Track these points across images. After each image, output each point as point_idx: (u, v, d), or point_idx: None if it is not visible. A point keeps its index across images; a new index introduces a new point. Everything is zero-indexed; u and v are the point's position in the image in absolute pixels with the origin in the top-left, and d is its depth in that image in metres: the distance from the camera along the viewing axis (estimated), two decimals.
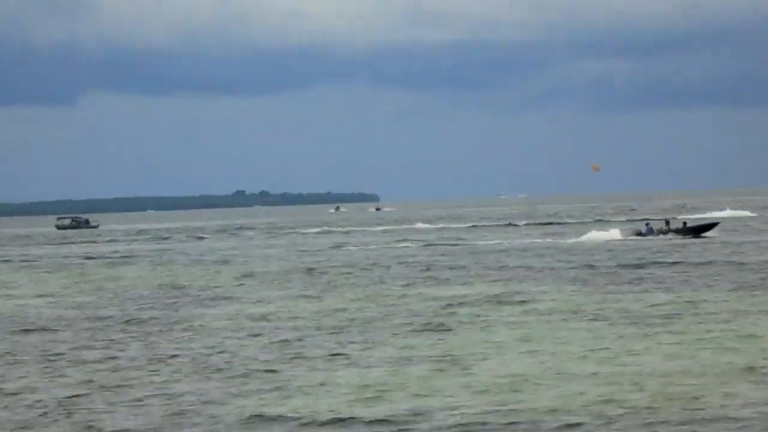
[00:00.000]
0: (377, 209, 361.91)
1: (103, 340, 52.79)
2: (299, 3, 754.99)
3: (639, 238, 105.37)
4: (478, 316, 53.98)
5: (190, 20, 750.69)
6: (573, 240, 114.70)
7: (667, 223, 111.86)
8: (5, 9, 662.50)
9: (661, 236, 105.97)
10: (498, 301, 60.84)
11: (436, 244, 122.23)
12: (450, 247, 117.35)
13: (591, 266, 78.78)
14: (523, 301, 57.90)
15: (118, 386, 37.84)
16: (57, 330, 57.96)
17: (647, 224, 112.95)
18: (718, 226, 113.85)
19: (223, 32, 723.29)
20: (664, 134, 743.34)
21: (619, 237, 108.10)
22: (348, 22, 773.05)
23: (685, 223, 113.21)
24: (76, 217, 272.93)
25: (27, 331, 56.95)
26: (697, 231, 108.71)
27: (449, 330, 48.81)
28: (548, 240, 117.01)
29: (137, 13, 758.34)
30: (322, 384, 36.71)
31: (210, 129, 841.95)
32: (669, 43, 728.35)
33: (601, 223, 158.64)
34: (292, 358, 43.55)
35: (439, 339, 45.81)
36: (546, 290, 65.31)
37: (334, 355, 43.74)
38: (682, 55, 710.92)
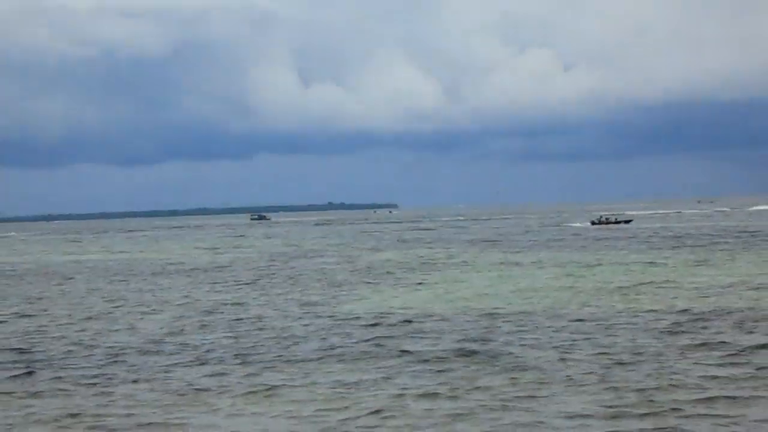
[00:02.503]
0: (390, 212, 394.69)
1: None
2: (357, 109, 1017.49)
3: (593, 226, 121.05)
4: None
5: (305, 114, 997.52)
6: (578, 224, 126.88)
7: (607, 219, 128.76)
8: (213, 109, 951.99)
9: (603, 225, 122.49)
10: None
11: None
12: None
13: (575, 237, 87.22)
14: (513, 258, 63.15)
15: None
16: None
17: (598, 218, 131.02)
18: (633, 221, 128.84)
19: (321, 121, 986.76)
20: (539, 177, 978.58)
21: (590, 225, 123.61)
22: (385, 120, 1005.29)
23: (616, 218, 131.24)
24: (261, 213, 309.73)
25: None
26: (623, 222, 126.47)
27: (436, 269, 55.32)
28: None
29: (282, 112, 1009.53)
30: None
31: (316, 170, 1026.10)
32: (541, 129, 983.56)
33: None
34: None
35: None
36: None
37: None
38: (547, 136, 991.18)
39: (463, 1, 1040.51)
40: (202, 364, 24.75)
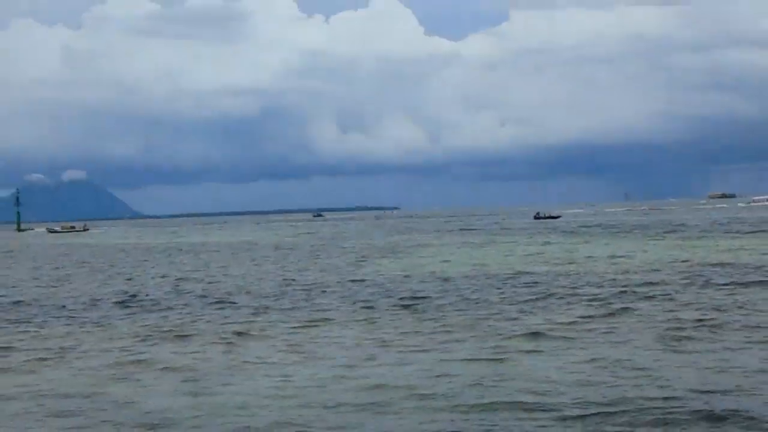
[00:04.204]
0: (393, 212, 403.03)
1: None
2: (375, 148, 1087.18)
3: (536, 220, 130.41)
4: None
5: (343, 151, 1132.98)
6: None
7: (545, 215, 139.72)
8: (286, 148, 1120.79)
9: (541, 219, 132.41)
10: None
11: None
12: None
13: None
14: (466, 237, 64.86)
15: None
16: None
17: (537, 214, 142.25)
18: (562, 217, 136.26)
19: (353, 155, 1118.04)
20: (488, 190, 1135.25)
21: (533, 219, 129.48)
22: (392, 155, 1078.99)
23: (551, 215, 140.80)
24: (320, 213, 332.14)
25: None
26: (554, 218, 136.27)
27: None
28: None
29: (328, 150, 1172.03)
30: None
31: (349, 185, 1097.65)
32: (488, 161, 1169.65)
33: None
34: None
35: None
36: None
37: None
38: (492, 165, 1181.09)
39: (439, 84, 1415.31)
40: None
